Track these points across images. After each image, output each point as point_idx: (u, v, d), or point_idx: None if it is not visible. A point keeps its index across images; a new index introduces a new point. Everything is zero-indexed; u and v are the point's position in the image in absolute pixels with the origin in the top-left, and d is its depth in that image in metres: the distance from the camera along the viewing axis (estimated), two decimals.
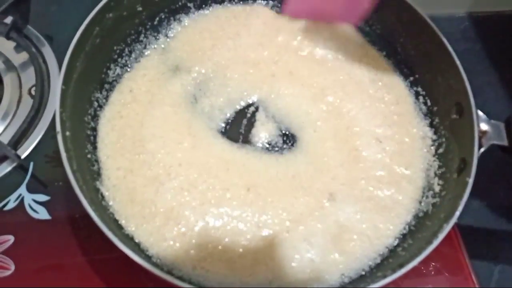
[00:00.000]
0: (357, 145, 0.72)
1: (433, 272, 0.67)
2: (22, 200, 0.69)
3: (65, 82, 0.64)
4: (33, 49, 0.80)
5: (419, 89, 0.77)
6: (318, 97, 0.76)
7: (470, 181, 0.61)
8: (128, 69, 0.76)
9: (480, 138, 0.65)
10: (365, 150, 0.72)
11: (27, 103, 0.77)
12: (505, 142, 0.66)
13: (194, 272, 0.60)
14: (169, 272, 0.59)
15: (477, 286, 0.66)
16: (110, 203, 0.64)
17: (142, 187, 0.65)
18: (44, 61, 0.81)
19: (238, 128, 0.75)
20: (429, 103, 0.76)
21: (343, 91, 0.77)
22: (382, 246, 0.65)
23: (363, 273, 0.63)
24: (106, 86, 0.74)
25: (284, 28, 0.81)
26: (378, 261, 0.64)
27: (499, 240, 0.81)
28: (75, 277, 0.64)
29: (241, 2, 0.85)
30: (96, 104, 0.72)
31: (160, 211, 0.63)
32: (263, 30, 0.82)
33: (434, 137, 0.73)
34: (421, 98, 0.77)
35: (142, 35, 0.79)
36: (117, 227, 0.62)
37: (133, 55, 0.78)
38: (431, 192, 0.68)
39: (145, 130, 0.70)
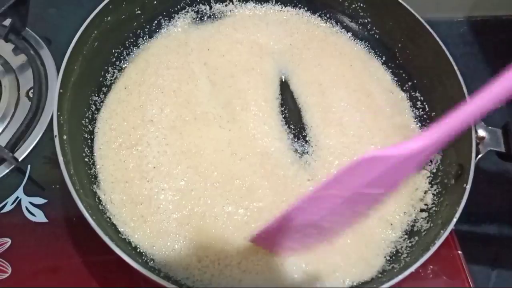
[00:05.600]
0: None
1: (431, 276, 0.67)
2: (20, 202, 0.69)
3: (63, 85, 0.64)
4: (31, 52, 0.80)
5: (417, 94, 0.77)
6: None
7: (468, 187, 0.61)
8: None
9: (477, 144, 0.66)
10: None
11: (25, 106, 0.76)
12: (502, 149, 0.67)
13: (191, 276, 0.60)
14: (166, 277, 0.59)
15: None
16: (107, 206, 0.64)
17: (138, 190, 0.65)
18: (42, 64, 0.81)
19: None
20: (427, 108, 0.76)
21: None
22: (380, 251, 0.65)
23: (362, 279, 0.63)
24: (104, 89, 0.74)
25: None
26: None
27: (496, 245, 0.81)
28: (72, 279, 0.64)
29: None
30: (93, 107, 0.71)
31: (157, 214, 0.63)
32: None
33: None
34: (418, 103, 0.77)
35: (141, 39, 0.80)
36: (114, 231, 0.61)
37: (131, 59, 0.78)
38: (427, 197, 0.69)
39: (142, 123, 0.70)
